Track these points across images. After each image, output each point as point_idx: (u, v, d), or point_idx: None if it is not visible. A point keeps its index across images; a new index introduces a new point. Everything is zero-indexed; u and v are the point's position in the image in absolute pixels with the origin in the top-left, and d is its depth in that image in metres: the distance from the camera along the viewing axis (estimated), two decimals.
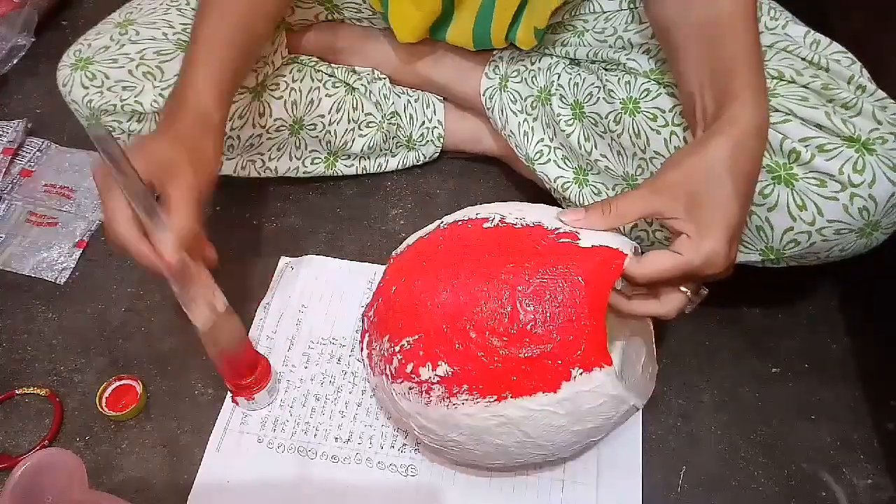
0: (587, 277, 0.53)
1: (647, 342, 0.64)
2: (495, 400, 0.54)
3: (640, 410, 0.70)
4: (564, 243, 0.55)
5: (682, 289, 0.56)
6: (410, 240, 0.64)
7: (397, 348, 0.57)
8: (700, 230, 0.53)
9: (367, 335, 0.63)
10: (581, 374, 0.53)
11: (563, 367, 0.53)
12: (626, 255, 0.54)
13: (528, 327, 0.53)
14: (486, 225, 0.58)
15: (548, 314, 0.53)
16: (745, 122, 0.54)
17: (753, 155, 0.54)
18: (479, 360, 0.54)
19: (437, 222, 0.63)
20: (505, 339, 0.53)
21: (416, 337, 0.56)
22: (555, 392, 0.53)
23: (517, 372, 0.53)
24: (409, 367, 0.56)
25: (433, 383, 0.55)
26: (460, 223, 0.60)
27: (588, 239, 0.55)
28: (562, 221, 0.57)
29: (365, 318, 0.64)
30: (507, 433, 0.55)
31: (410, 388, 0.57)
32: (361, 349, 0.64)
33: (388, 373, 0.58)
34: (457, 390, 0.54)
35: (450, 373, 0.54)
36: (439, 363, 0.55)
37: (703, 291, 0.58)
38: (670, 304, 0.57)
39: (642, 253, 0.56)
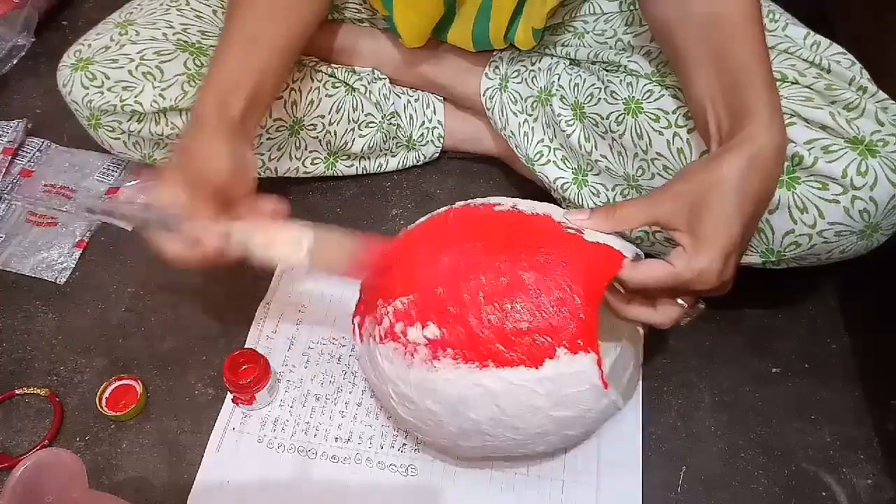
0: (588, 266, 0.55)
1: (635, 352, 0.65)
2: (477, 367, 0.54)
3: (640, 411, 0.70)
4: (570, 234, 0.57)
5: (680, 301, 0.56)
6: (420, 220, 0.64)
7: (389, 308, 0.57)
8: (696, 245, 0.52)
9: (361, 305, 0.63)
10: (566, 354, 0.53)
11: (550, 344, 0.53)
12: (626, 257, 0.55)
13: (523, 300, 0.54)
14: (497, 208, 0.60)
15: (544, 290, 0.54)
16: (762, 141, 0.53)
17: (767, 175, 0.53)
18: (468, 324, 0.54)
19: (448, 207, 0.63)
20: (498, 307, 0.54)
21: (410, 297, 0.57)
22: (537, 368, 0.53)
23: (504, 341, 0.54)
24: (398, 327, 0.57)
25: (419, 344, 0.56)
26: (472, 206, 0.62)
27: (592, 236, 0.57)
28: (567, 220, 0.58)
29: (362, 287, 0.64)
30: (483, 406, 0.55)
31: (395, 349, 0.57)
32: (353, 317, 0.63)
33: (376, 334, 0.59)
34: (441, 353, 0.55)
35: (437, 335, 0.55)
36: (429, 324, 0.55)
37: (700, 306, 0.58)
38: (666, 314, 0.57)
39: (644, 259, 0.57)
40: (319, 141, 0.84)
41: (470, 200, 0.63)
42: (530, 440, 0.58)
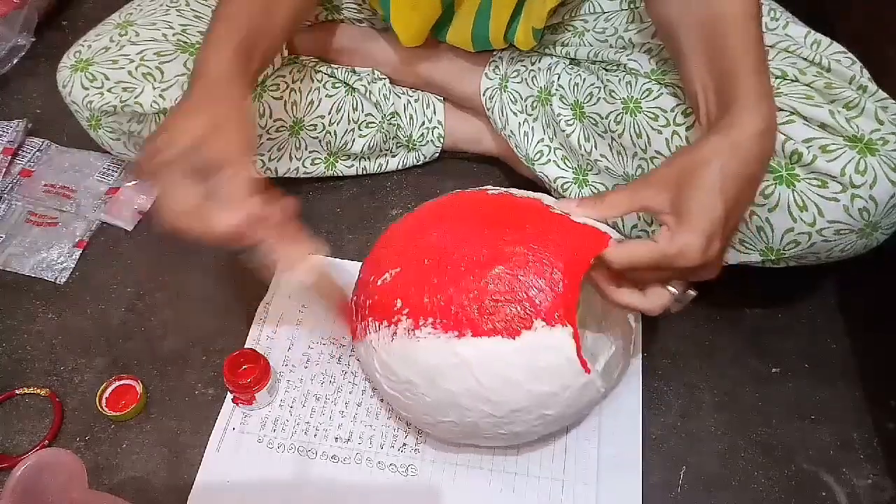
0: (571, 242, 0.56)
1: (625, 344, 0.65)
2: (456, 336, 0.55)
3: (640, 410, 0.70)
4: (558, 214, 0.58)
5: (670, 288, 0.56)
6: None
7: (379, 282, 0.59)
8: (679, 222, 0.53)
9: (358, 282, 0.64)
10: (543, 326, 0.54)
11: (528, 316, 0.54)
12: (611, 237, 0.56)
13: (502, 271, 0.55)
14: (490, 192, 0.62)
15: (524, 263, 0.55)
16: (745, 124, 0.53)
17: (751, 158, 0.53)
18: (448, 294, 0.55)
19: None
20: (477, 278, 0.55)
21: (398, 270, 0.58)
22: (514, 339, 0.54)
23: (482, 311, 0.55)
24: (386, 299, 0.58)
25: (403, 315, 0.57)
26: (467, 191, 0.64)
27: (580, 220, 0.58)
28: (556, 208, 0.59)
29: (362, 266, 0.65)
30: (460, 377, 0.56)
31: (382, 322, 0.58)
32: (351, 296, 0.65)
33: (367, 307, 0.60)
34: (422, 322, 0.56)
35: (420, 305, 0.56)
36: (413, 295, 0.57)
37: (691, 293, 0.58)
38: (654, 299, 0.57)
39: None
40: (319, 141, 0.84)
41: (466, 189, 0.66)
42: (507, 418, 0.58)
